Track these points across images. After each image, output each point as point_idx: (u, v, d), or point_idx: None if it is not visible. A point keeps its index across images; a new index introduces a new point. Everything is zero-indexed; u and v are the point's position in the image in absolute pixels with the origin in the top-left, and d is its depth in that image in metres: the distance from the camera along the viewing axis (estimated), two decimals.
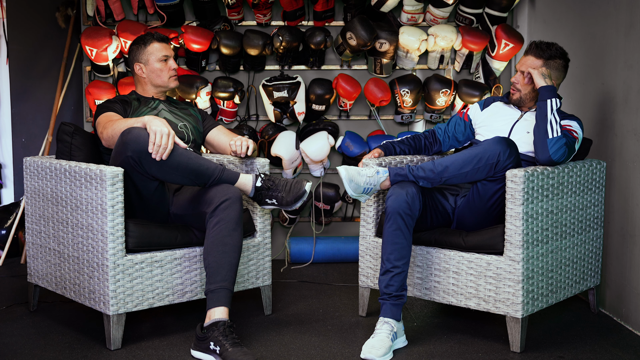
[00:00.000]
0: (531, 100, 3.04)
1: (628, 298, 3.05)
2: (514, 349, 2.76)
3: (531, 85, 3.01)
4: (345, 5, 4.11)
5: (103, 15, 4.05)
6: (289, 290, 3.61)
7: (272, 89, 4.00)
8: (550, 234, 2.83)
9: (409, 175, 2.85)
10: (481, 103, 3.23)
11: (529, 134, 2.98)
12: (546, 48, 2.98)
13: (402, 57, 4.12)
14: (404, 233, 2.79)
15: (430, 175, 2.82)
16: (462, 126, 3.22)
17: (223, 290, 2.72)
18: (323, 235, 4.24)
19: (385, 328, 2.75)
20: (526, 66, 2.99)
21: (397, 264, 2.78)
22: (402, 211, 2.79)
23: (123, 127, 2.79)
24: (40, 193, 3.06)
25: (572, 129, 2.91)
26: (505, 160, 2.73)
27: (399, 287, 2.78)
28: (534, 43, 3.02)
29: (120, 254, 2.75)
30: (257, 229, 3.15)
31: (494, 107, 3.17)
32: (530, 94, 3.03)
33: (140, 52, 3.18)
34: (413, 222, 2.82)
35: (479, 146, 2.78)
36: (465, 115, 3.23)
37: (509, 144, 2.75)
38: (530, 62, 2.99)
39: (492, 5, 4.01)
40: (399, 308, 2.79)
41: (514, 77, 3.05)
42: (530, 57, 2.99)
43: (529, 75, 2.99)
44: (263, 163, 3.12)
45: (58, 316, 3.17)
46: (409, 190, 2.81)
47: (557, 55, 2.99)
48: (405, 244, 2.80)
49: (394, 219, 2.80)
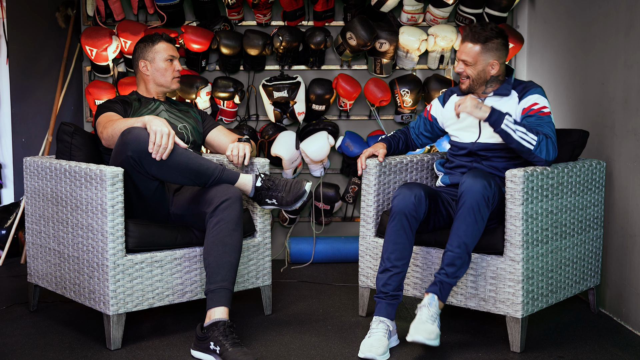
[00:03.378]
0: (482, 84, 2.96)
1: (628, 298, 3.05)
2: (514, 349, 2.76)
3: (477, 68, 2.92)
4: (345, 5, 4.11)
5: (103, 15, 4.05)
6: (289, 290, 3.61)
7: (272, 89, 4.00)
8: (550, 234, 2.83)
9: (447, 281, 2.73)
10: (440, 98, 3.19)
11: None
12: (481, 31, 2.90)
13: (402, 57, 4.12)
14: (407, 234, 2.79)
15: (465, 259, 2.73)
16: (428, 125, 3.21)
17: (223, 290, 2.72)
18: (323, 235, 4.24)
19: (381, 327, 2.75)
20: (465, 53, 2.92)
21: (397, 264, 2.78)
22: (407, 212, 2.78)
23: (123, 127, 2.79)
24: (40, 193, 3.06)
25: (540, 106, 2.86)
26: (491, 191, 2.71)
27: (396, 287, 2.78)
28: (468, 28, 2.95)
29: (120, 254, 2.75)
30: (257, 229, 3.15)
31: (453, 103, 3.11)
32: (478, 78, 2.94)
33: (147, 50, 3.19)
34: (417, 224, 2.81)
35: (464, 203, 2.70)
36: (429, 115, 3.21)
37: (483, 177, 2.71)
38: (469, 49, 2.92)
39: (492, 5, 4.01)
40: (394, 308, 2.79)
41: (456, 68, 2.98)
42: (467, 44, 2.93)
43: (469, 64, 2.93)
44: (263, 163, 3.12)
45: (58, 316, 3.17)
46: (417, 193, 2.79)
47: (494, 36, 2.90)
48: (407, 245, 2.79)
49: (399, 219, 2.79)
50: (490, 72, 2.93)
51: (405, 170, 3.23)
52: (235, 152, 3.05)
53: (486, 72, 2.93)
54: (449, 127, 3.15)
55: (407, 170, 3.24)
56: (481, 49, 2.91)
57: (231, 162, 3.14)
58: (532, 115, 2.86)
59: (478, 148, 3.00)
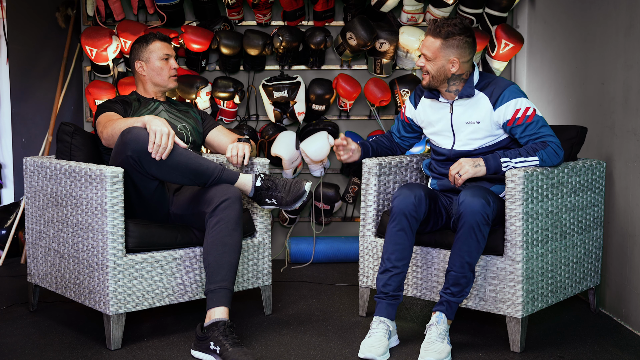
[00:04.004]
0: (442, 81, 2.89)
1: (628, 298, 3.05)
2: (514, 349, 2.76)
3: (437, 64, 2.85)
4: (345, 5, 4.11)
5: (103, 15, 4.05)
6: (289, 290, 3.61)
7: (272, 89, 4.00)
8: (550, 234, 2.83)
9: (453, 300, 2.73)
10: (411, 98, 3.14)
11: (471, 123, 2.89)
12: (444, 25, 2.82)
13: (402, 57, 4.12)
14: (407, 234, 2.78)
15: (470, 277, 2.72)
16: (407, 126, 3.19)
17: (223, 290, 2.72)
18: (323, 235, 4.24)
19: (381, 327, 2.75)
20: (426, 47, 2.86)
21: (397, 264, 2.78)
22: (408, 212, 2.77)
23: (123, 127, 2.79)
24: (40, 193, 3.06)
25: (523, 112, 2.80)
26: (490, 208, 2.69)
27: (397, 287, 2.78)
28: (432, 21, 2.86)
29: (120, 254, 2.75)
30: (257, 229, 3.15)
31: (425, 106, 3.07)
32: (438, 75, 2.87)
33: (142, 50, 3.20)
34: (417, 224, 2.80)
35: (464, 223, 2.68)
36: (404, 117, 3.18)
37: (481, 195, 2.68)
38: (430, 43, 2.85)
39: (492, 5, 4.00)
40: (394, 308, 2.79)
41: (418, 62, 2.92)
42: (429, 38, 2.85)
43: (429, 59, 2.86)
44: (263, 163, 3.12)
45: (58, 316, 3.17)
46: (417, 193, 2.79)
47: (457, 32, 2.81)
48: (407, 245, 2.79)
49: (399, 220, 2.78)
50: (450, 70, 2.85)
51: (405, 170, 3.23)
52: (235, 153, 3.04)
53: (446, 69, 2.85)
54: (425, 129, 3.12)
55: (407, 170, 3.24)
56: (441, 45, 2.82)
57: (231, 163, 3.14)
58: (520, 125, 2.82)
59: (455, 155, 2.97)
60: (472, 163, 2.79)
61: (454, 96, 2.94)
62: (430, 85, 2.93)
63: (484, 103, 2.88)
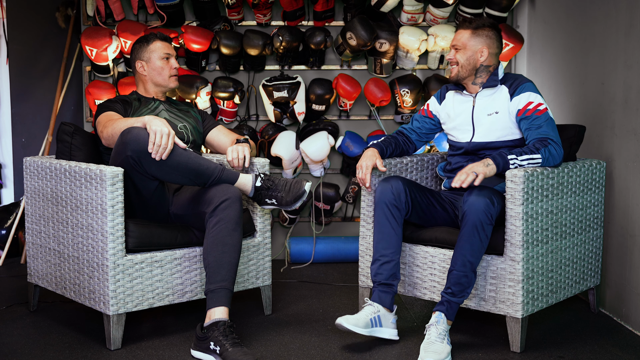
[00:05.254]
0: (471, 72, 2.98)
1: (628, 298, 3.05)
2: (514, 349, 2.76)
3: (467, 53, 2.96)
4: (345, 5, 4.11)
5: (103, 15, 4.05)
6: (289, 290, 3.61)
7: (272, 89, 4.00)
8: (550, 234, 2.83)
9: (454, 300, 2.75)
10: (437, 96, 3.19)
11: (491, 115, 2.96)
12: (472, 20, 2.99)
13: (402, 57, 4.12)
14: (390, 222, 2.85)
15: (472, 277, 2.73)
16: (428, 124, 3.20)
17: (223, 290, 2.72)
18: (323, 235, 4.24)
19: (367, 308, 2.83)
20: (456, 40, 2.98)
21: (385, 252, 2.85)
22: (387, 201, 2.85)
23: (123, 127, 2.79)
24: (40, 193, 3.06)
25: (535, 105, 2.86)
26: (494, 209, 2.69)
27: (388, 275, 2.85)
28: (461, 18, 2.98)
29: (120, 254, 2.75)
30: (257, 229, 3.15)
31: (448, 100, 3.13)
32: (467, 64, 2.97)
33: (143, 50, 3.20)
34: (400, 213, 2.86)
35: (467, 222, 2.69)
36: (428, 112, 3.20)
37: (485, 195, 2.69)
38: (460, 35, 2.98)
39: (492, 5, 4.01)
40: (388, 296, 2.85)
41: (447, 56, 3.02)
42: (460, 31, 2.99)
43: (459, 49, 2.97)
44: (263, 163, 3.12)
45: (58, 316, 3.17)
46: (393, 183, 2.87)
47: (486, 25, 2.97)
48: (392, 233, 2.85)
49: (380, 208, 2.87)
50: (479, 60, 2.96)
51: (406, 170, 3.22)
52: (235, 155, 3.04)
53: (475, 58, 2.95)
54: (444, 124, 3.16)
55: (407, 170, 3.23)
56: (471, 34, 2.95)
57: (230, 164, 3.14)
58: (528, 117, 2.87)
59: (474, 147, 3.01)
60: (482, 163, 2.79)
61: (479, 89, 3.01)
62: (459, 76, 3.01)
63: (503, 93, 2.96)
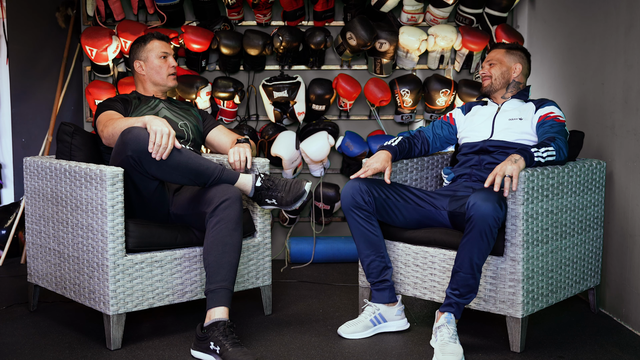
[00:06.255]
0: (503, 85, 3.14)
1: (628, 298, 3.05)
2: (514, 349, 2.76)
3: (502, 67, 3.12)
4: (345, 5, 4.11)
5: (103, 15, 4.05)
6: (289, 290, 3.61)
7: (272, 89, 4.00)
8: (550, 234, 2.83)
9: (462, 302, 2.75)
10: (463, 108, 3.29)
11: (513, 120, 3.06)
12: (505, 43, 3.23)
13: (402, 57, 4.12)
14: (361, 223, 2.92)
15: (478, 278, 2.72)
16: (446, 130, 3.25)
17: (223, 290, 2.72)
18: (323, 235, 4.24)
19: (367, 310, 2.96)
20: (490, 57, 3.16)
21: (366, 252, 2.94)
22: (350, 206, 2.92)
23: (123, 126, 2.79)
24: (40, 193, 3.06)
25: (555, 114, 2.98)
26: (502, 212, 2.68)
27: (378, 272, 2.95)
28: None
29: (120, 254, 2.75)
30: (257, 229, 3.15)
31: (473, 110, 3.24)
32: (501, 77, 3.13)
33: (140, 50, 3.20)
34: (368, 212, 2.91)
35: (474, 227, 2.66)
36: (451, 119, 3.26)
37: (492, 200, 2.66)
38: (495, 52, 3.17)
39: (492, 5, 4.01)
40: (384, 292, 2.95)
41: (481, 71, 3.17)
42: (495, 50, 3.19)
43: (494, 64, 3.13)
44: (263, 163, 3.12)
45: (58, 316, 3.17)
46: (352, 185, 2.93)
47: (519, 48, 3.17)
48: (367, 232, 2.92)
49: (348, 214, 2.94)
50: (512, 75, 3.12)
51: (406, 170, 3.23)
52: (237, 157, 3.04)
53: (509, 73, 3.12)
54: (462, 132, 3.22)
55: (407, 171, 3.23)
56: (505, 52, 3.14)
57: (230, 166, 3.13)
58: (546, 122, 2.96)
59: (489, 144, 3.06)
60: (510, 161, 2.72)
61: (507, 98, 3.14)
62: (491, 88, 3.15)
63: (530, 106, 3.09)
